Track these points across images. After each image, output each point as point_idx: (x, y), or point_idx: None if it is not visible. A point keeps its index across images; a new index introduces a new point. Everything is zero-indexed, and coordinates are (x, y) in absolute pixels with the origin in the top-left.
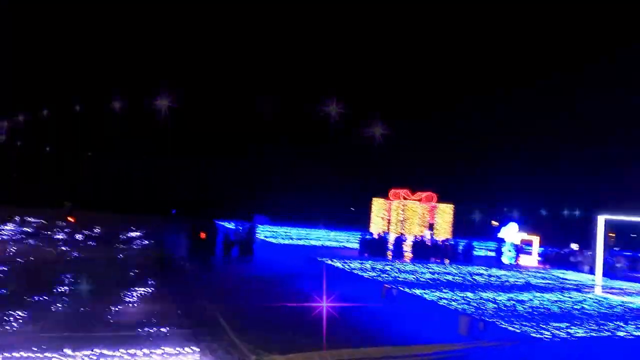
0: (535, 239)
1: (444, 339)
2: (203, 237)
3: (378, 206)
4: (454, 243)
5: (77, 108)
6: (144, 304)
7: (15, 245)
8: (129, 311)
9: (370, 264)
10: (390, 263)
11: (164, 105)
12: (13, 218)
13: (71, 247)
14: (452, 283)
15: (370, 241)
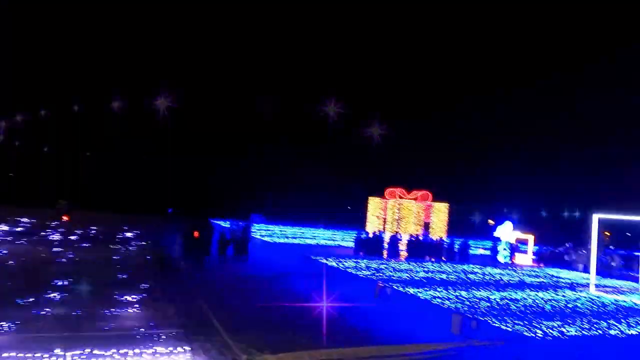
0: (530, 238)
1: (436, 338)
2: (197, 236)
3: (374, 205)
4: (449, 242)
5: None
6: (135, 304)
7: (5, 246)
8: (120, 311)
9: (365, 263)
10: (385, 262)
11: (163, 105)
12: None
13: (63, 247)
14: (446, 282)
15: (366, 240)
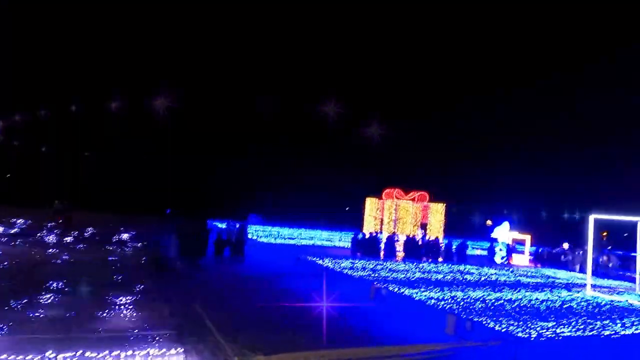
0: (527, 238)
1: (430, 339)
2: (191, 237)
3: (371, 205)
4: (447, 242)
5: (76, 108)
6: (130, 305)
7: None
8: (114, 312)
9: (361, 264)
10: (381, 262)
11: (163, 105)
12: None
13: (58, 248)
14: (442, 282)
15: (362, 240)
